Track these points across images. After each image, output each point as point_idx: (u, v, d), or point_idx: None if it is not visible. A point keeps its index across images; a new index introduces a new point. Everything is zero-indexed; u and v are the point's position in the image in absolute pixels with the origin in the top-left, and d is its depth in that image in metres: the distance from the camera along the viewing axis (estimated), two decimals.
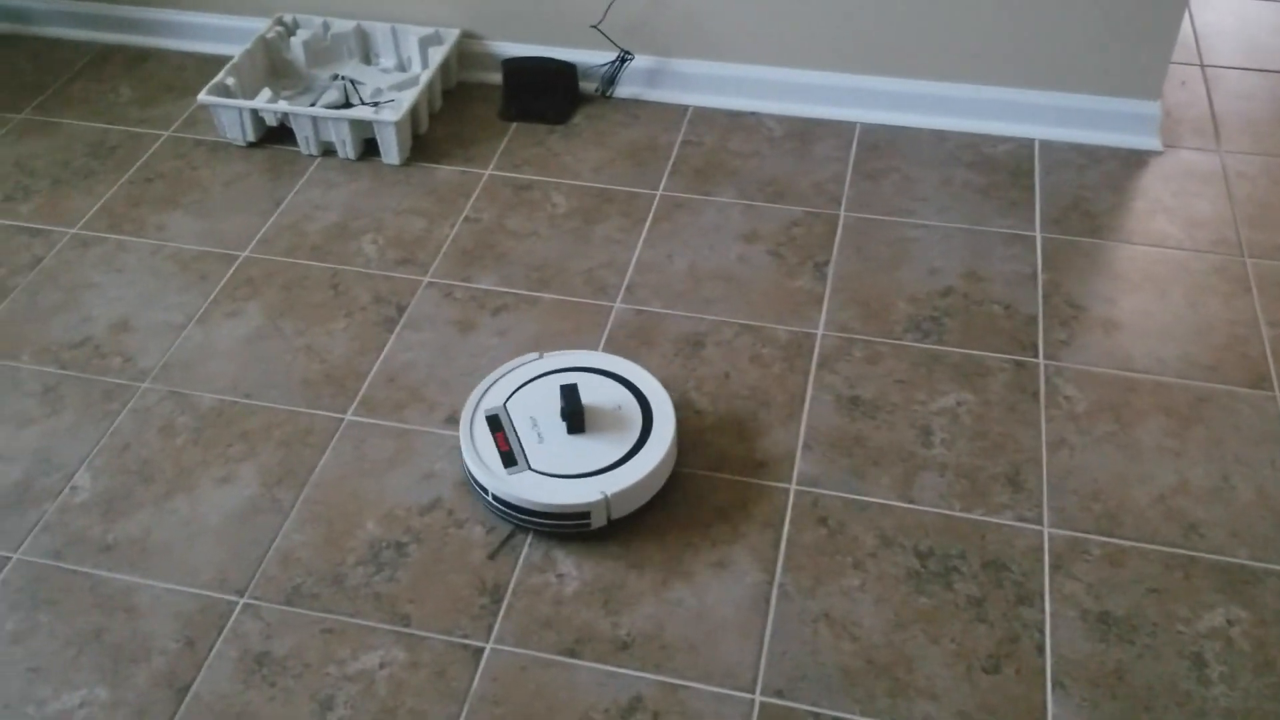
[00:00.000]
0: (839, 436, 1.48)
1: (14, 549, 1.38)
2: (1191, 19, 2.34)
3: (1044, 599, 1.30)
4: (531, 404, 1.45)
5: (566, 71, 2.07)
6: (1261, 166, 1.93)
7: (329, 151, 1.99)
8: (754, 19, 2.00)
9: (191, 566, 1.35)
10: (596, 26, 2.06)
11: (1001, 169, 1.92)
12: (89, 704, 1.22)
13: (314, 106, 1.97)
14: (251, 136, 1.99)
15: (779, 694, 1.22)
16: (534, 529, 1.38)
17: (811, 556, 1.35)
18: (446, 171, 1.95)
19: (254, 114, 1.97)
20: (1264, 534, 1.36)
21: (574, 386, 1.41)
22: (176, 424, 1.52)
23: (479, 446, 1.41)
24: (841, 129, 2.02)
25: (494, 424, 1.43)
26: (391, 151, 1.94)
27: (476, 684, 1.23)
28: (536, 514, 1.35)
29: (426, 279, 1.74)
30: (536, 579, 1.33)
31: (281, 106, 1.94)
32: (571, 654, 1.26)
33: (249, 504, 1.42)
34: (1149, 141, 1.97)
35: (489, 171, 1.95)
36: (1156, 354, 1.59)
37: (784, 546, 1.36)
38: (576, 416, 1.40)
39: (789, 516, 1.39)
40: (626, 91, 2.12)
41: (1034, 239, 1.78)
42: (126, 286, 1.73)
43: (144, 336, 1.65)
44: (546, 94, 2.07)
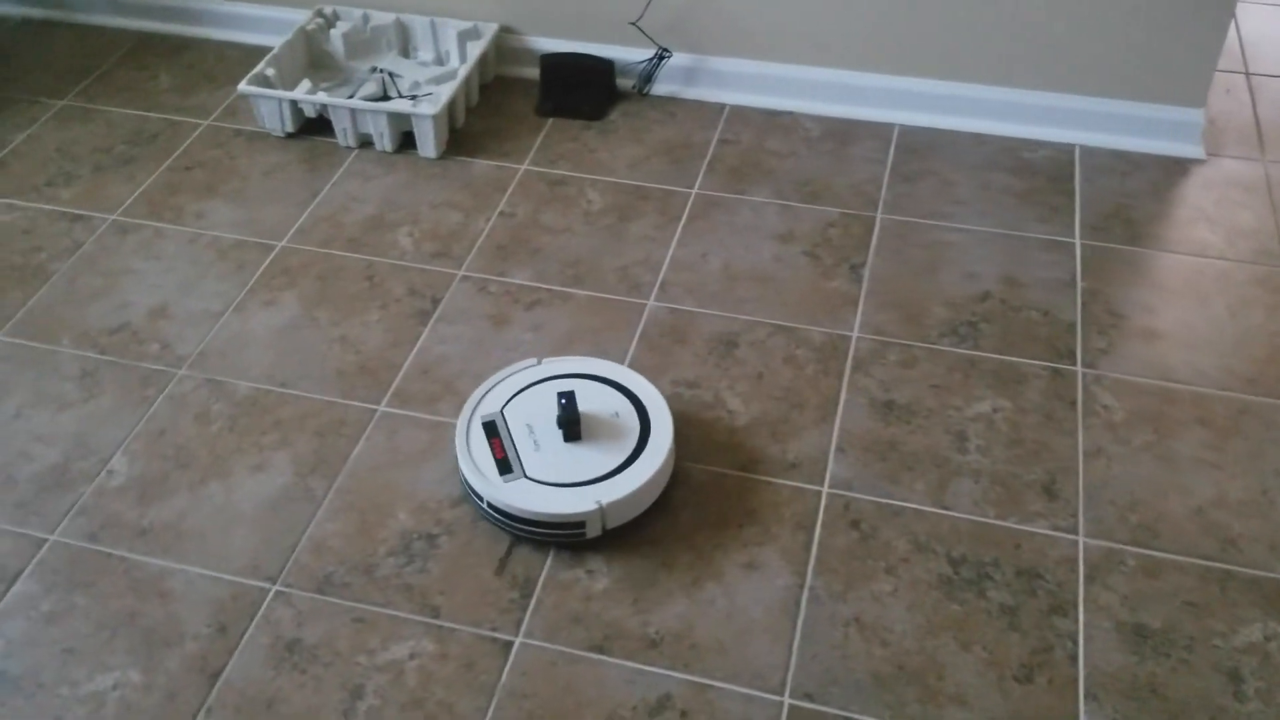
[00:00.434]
0: (873, 440, 1.47)
1: (51, 531, 1.39)
2: (1237, 26, 2.31)
3: (1078, 609, 1.29)
4: (529, 411, 1.44)
5: (604, 68, 2.07)
6: None
7: (366, 143, 1.99)
8: (793, 18, 1.99)
9: (225, 553, 1.36)
10: (635, 24, 2.06)
11: (1041, 174, 1.91)
12: (122, 686, 1.23)
13: (352, 99, 1.97)
14: (290, 127, 2.00)
15: (808, 697, 1.21)
16: (529, 538, 1.37)
17: (843, 560, 1.34)
18: (482, 166, 1.95)
19: (293, 105, 1.98)
20: None
21: (571, 394, 1.39)
22: (212, 411, 1.53)
23: (474, 453, 1.39)
24: (880, 130, 2.01)
25: (490, 430, 1.42)
26: (428, 145, 1.95)
27: (505, 678, 1.23)
28: (531, 522, 1.33)
29: (461, 272, 1.74)
30: (566, 574, 1.33)
31: (321, 98, 1.95)
32: (600, 650, 1.26)
33: (282, 492, 1.43)
34: (1192, 149, 1.95)
35: (524, 166, 1.95)
36: (1196, 364, 1.57)
37: (815, 549, 1.35)
38: (573, 425, 1.38)
39: (821, 519, 1.38)
40: (663, 89, 2.11)
41: (1073, 245, 1.77)
42: (165, 273, 1.75)
43: (181, 323, 1.66)
44: (583, 90, 2.07)
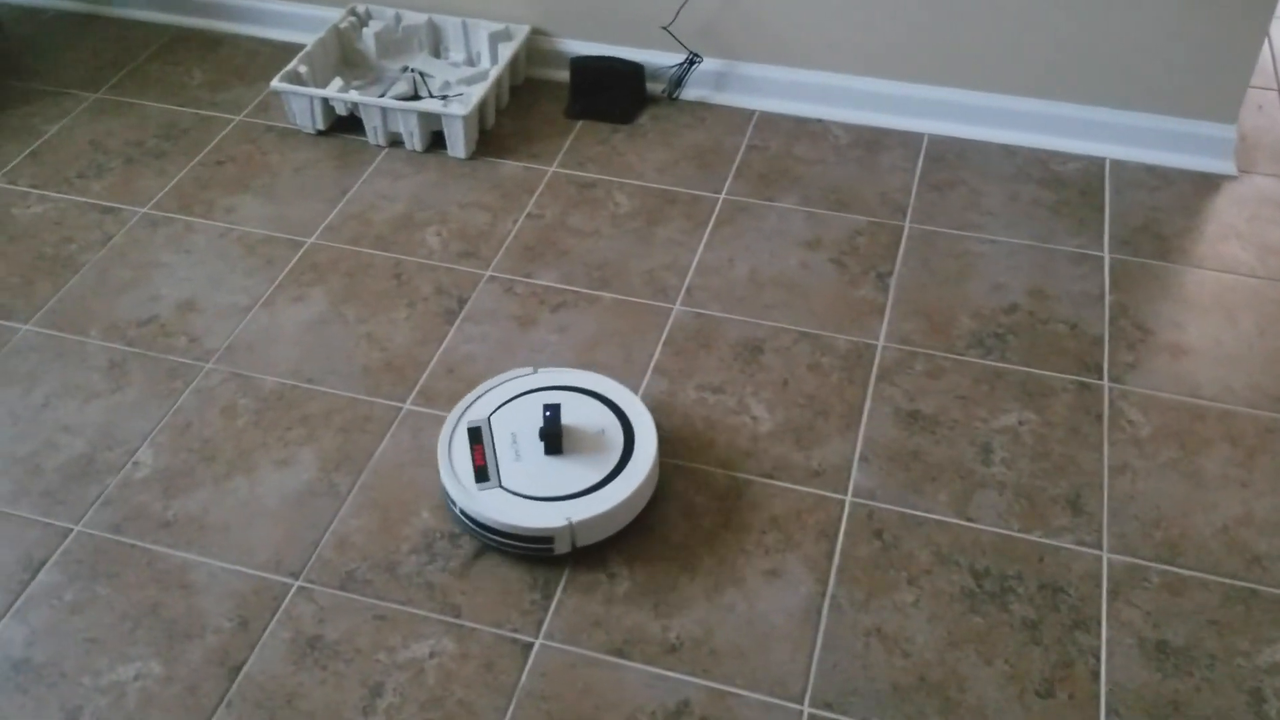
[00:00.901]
0: (897, 450, 1.47)
1: (76, 521, 1.40)
2: (1270, 43, 2.30)
3: (1101, 625, 1.28)
4: (516, 420, 1.43)
5: (634, 72, 2.07)
6: None
7: (396, 142, 2.00)
8: (824, 25, 1.99)
9: (248, 547, 1.37)
10: (667, 28, 2.06)
11: (1071, 187, 1.90)
12: (143, 677, 1.24)
13: (383, 97, 1.98)
14: (321, 125, 2.01)
15: (828, 706, 1.21)
16: (498, 549, 1.36)
17: (865, 570, 1.34)
18: (511, 167, 1.96)
19: (324, 102, 1.99)
20: None
21: (557, 407, 1.38)
22: (238, 405, 1.54)
23: (455, 458, 1.38)
24: (909, 139, 2.01)
25: (475, 436, 1.41)
26: (458, 145, 1.96)
27: (525, 679, 1.23)
28: (500, 533, 1.33)
29: (488, 273, 1.74)
30: (587, 577, 1.33)
31: (352, 96, 1.96)
32: (620, 654, 1.26)
33: (307, 488, 1.43)
34: (1223, 165, 1.93)
35: (553, 168, 1.95)
36: (1225, 381, 1.56)
37: (838, 558, 1.35)
38: (554, 438, 1.37)
39: (844, 528, 1.38)
40: (693, 94, 2.11)
41: (1102, 259, 1.76)
42: (194, 267, 1.76)
43: (210, 317, 1.67)
44: (613, 93, 2.08)
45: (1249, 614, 1.29)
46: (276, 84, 1.97)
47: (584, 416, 1.43)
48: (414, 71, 2.09)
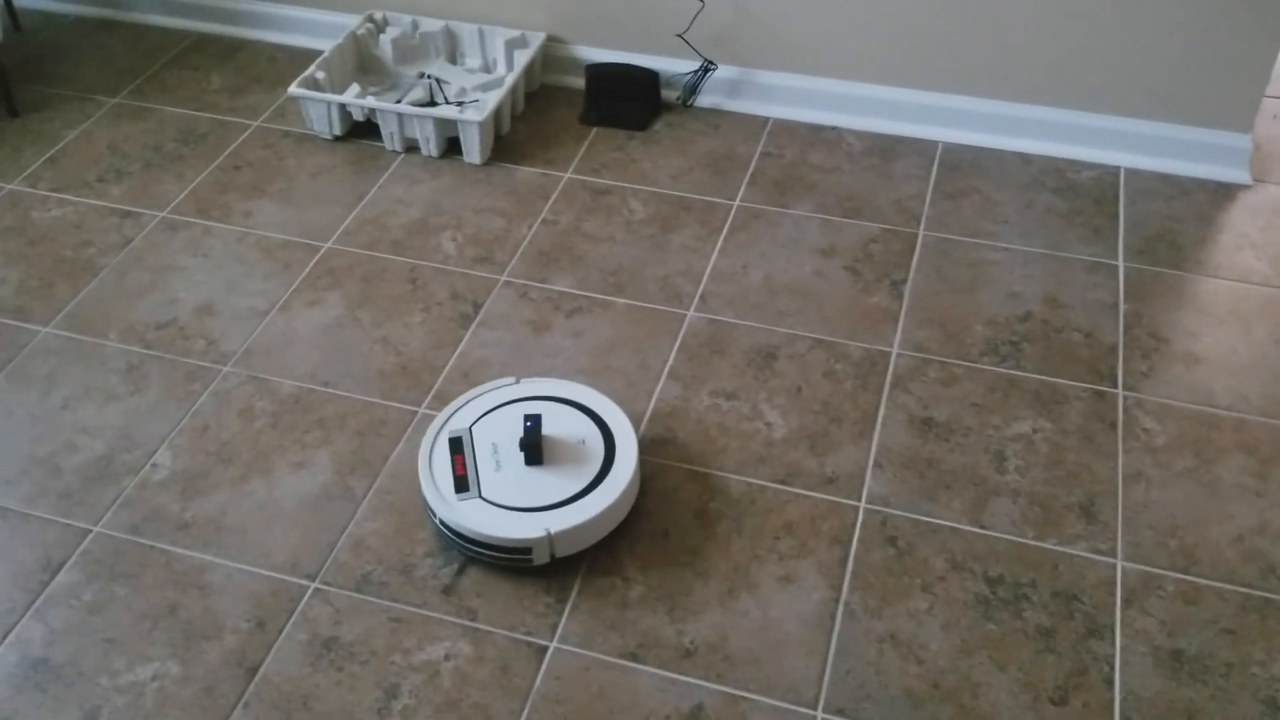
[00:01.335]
0: (911, 457, 1.47)
1: (94, 522, 1.41)
2: None
3: (1115, 633, 1.28)
4: (497, 430, 1.43)
5: (649, 79, 2.08)
6: None
7: (412, 148, 2.01)
8: (838, 33, 2.00)
9: (265, 549, 1.37)
10: (682, 36, 2.07)
11: (1086, 195, 1.90)
12: (160, 678, 1.25)
13: (400, 103, 1.99)
14: (338, 130, 2.03)
15: (841, 712, 1.21)
16: (478, 559, 1.36)
17: (879, 576, 1.34)
18: (526, 173, 1.97)
19: (342, 108, 2.00)
20: None
21: (538, 418, 1.38)
22: (256, 408, 1.55)
23: (435, 468, 1.39)
24: (923, 147, 2.01)
25: (455, 446, 1.41)
26: (474, 151, 1.97)
27: (539, 682, 1.24)
28: (478, 543, 1.33)
29: (503, 278, 1.75)
30: (602, 581, 1.34)
31: (370, 102, 1.97)
32: (634, 658, 1.26)
33: (323, 490, 1.44)
34: (1238, 175, 1.93)
35: (568, 175, 1.96)
36: (1239, 390, 1.56)
37: (851, 564, 1.35)
38: (534, 449, 1.37)
39: (857, 535, 1.38)
40: (708, 101, 2.12)
41: (1117, 268, 1.76)
42: (212, 271, 1.77)
43: (227, 321, 1.68)
44: (628, 100, 2.08)
45: (1264, 623, 1.29)
46: (294, 90, 1.98)
47: (565, 427, 1.43)
48: (430, 78, 2.11)
